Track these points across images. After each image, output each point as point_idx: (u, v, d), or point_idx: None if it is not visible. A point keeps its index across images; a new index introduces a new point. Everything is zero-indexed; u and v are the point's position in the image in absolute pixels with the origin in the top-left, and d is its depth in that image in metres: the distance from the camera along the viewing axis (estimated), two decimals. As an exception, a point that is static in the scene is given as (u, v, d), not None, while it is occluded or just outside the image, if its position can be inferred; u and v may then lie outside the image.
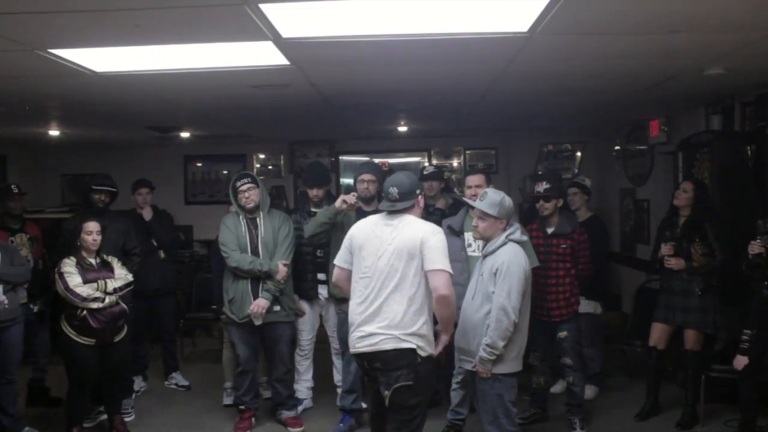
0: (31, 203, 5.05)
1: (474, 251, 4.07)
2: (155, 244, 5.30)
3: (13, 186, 4.78)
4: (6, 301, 3.97)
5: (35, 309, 4.43)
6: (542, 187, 4.29)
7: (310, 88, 4.39)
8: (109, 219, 4.72)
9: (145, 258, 5.00)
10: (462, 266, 4.04)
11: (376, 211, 4.41)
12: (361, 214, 4.39)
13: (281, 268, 4.33)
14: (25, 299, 4.38)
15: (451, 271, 3.09)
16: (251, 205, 4.38)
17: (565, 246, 4.24)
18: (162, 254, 5.35)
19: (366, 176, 4.38)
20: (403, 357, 3.06)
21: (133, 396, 4.95)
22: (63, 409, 4.33)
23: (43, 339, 4.69)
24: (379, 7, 2.69)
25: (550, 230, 4.30)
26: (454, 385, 4.17)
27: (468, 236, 4.12)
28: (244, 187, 4.36)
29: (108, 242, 4.54)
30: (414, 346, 3.06)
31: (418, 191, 3.27)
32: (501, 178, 8.19)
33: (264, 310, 4.28)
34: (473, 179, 4.20)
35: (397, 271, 3.09)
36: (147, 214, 5.30)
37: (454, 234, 4.14)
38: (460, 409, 4.18)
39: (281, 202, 8.04)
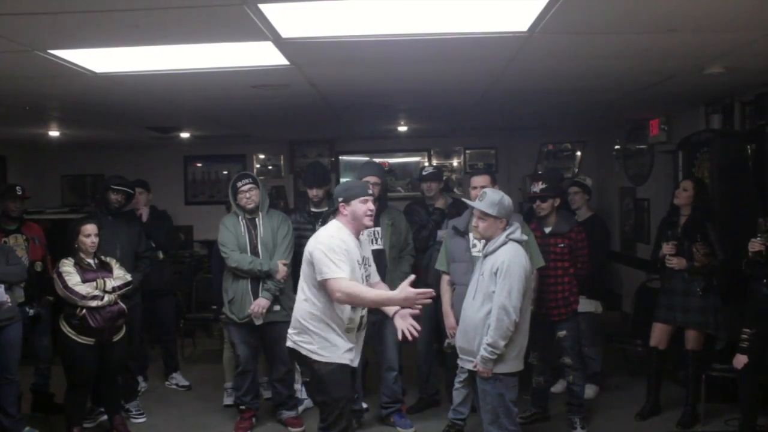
0: (30, 204, 5.01)
1: (479, 252, 4.04)
2: (153, 245, 5.30)
3: (18, 188, 4.72)
4: (9, 300, 3.95)
5: (31, 312, 4.41)
6: (538, 187, 4.29)
7: (310, 88, 4.39)
8: (122, 220, 4.74)
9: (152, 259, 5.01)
10: (467, 267, 4.03)
11: (376, 213, 4.41)
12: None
13: (281, 268, 4.33)
14: (22, 299, 4.38)
15: (337, 275, 2.96)
16: (252, 205, 4.38)
17: (563, 245, 4.24)
18: (161, 255, 5.36)
19: (372, 178, 4.36)
20: (294, 355, 3.23)
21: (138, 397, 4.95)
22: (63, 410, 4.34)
23: (43, 343, 4.68)
24: (378, 7, 2.69)
25: (547, 230, 4.30)
26: (456, 385, 4.16)
27: (473, 236, 4.10)
28: (245, 187, 4.36)
29: (122, 244, 4.58)
30: (294, 346, 3.16)
31: (340, 199, 3.18)
32: (501, 178, 8.15)
33: (264, 310, 4.29)
34: (479, 180, 4.16)
35: (303, 275, 3.19)
36: (144, 215, 5.32)
37: (459, 234, 4.12)
38: (462, 409, 4.17)
39: (280, 202, 8.04)
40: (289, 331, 3.21)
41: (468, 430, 4.20)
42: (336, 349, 3.09)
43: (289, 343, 3.20)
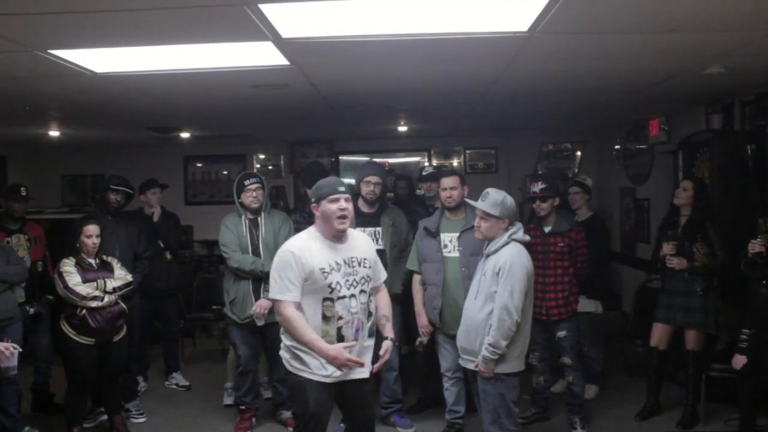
0: (30, 204, 5.01)
1: (450, 252, 4.07)
2: (162, 245, 5.31)
3: (22, 189, 4.73)
4: (15, 369, 3.85)
5: (31, 311, 4.41)
6: (538, 187, 4.29)
7: (310, 88, 4.39)
8: (122, 220, 4.74)
9: (153, 259, 5.01)
10: (437, 267, 4.06)
11: (376, 213, 4.43)
12: (362, 216, 4.40)
13: (283, 269, 4.32)
14: (23, 298, 4.38)
15: (281, 297, 2.87)
16: (256, 204, 4.37)
17: (562, 245, 4.24)
18: (168, 255, 5.37)
19: (373, 178, 4.36)
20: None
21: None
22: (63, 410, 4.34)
23: (43, 343, 4.68)
24: (378, 7, 2.69)
25: (547, 229, 4.30)
26: (446, 385, 4.17)
27: (444, 237, 4.10)
28: (252, 186, 4.36)
29: (121, 244, 4.58)
30: (282, 354, 3.05)
31: (312, 200, 2.99)
32: (501, 178, 8.20)
33: (266, 311, 4.28)
34: (448, 181, 4.11)
35: None
36: (156, 214, 5.32)
37: (431, 235, 4.13)
38: (457, 408, 4.18)
39: (280, 202, 8.05)
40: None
41: (468, 430, 4.20)
42: (305, 364, 2.92)
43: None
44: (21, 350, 3.81)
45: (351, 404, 3.09)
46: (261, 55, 3.35)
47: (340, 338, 2.93)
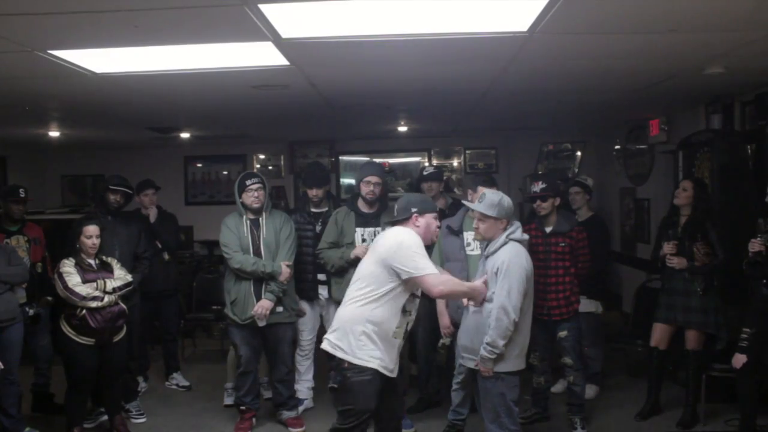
0: (31, 204, 5.01)
1: (473, 250, 4.09)
2: (159, 245, 5.31)
3: (21, 190, 4.74)
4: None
5: (30, 312, 4.42)
6: (538, 186, 4.29)
7: (310, 88, 4.40)
8: (121, 220, 4.74)
9: (152, 259, 5.01)
10: (461, 265, 4.06)
11: (376, 213, 4.43)
12: (361, 216, 4.40)
13: (284, 269, 4.32)
14: (24, 299, 4.38)
15: (432, 270, 3.03)
16: (258, 204, 4.37)
17: (563, 245, 4.24)
18: (166, 256, 5.37)
19: (373, 178, 4.37)
20: (331, 359, 3.14)
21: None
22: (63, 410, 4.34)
23: (43, 343, 4.68)
24: (378, 7, 2.69)
25: (548, 229, 4.30)
26: (454, 386, 4.17)
27: (467, 235, 4.12)
28: (254, 186, 4.36)
29: (121, 244, 4.58)
30: (330, 350, 3.10)
31: (414, 209, 3.20)
32: (501, 178, 8.17)
33: (268, 312, 4.28)
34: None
35: (368, 278, 3.09)
36: (152, 215, 5.33)
37: (453, 234, 4.15)
38: (461, 410, 4.18)
39: (281, 203, 8.04)
40: (329, 335, 3.15)
41: (468, 429, 4.20)
42: (377, 354, 3.04)
43: (325, 345, 3.15)
44: (2, 367, 3.81)
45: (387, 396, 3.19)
46: (261, 55, 3.35)
47: (406, 332, 3.16)
